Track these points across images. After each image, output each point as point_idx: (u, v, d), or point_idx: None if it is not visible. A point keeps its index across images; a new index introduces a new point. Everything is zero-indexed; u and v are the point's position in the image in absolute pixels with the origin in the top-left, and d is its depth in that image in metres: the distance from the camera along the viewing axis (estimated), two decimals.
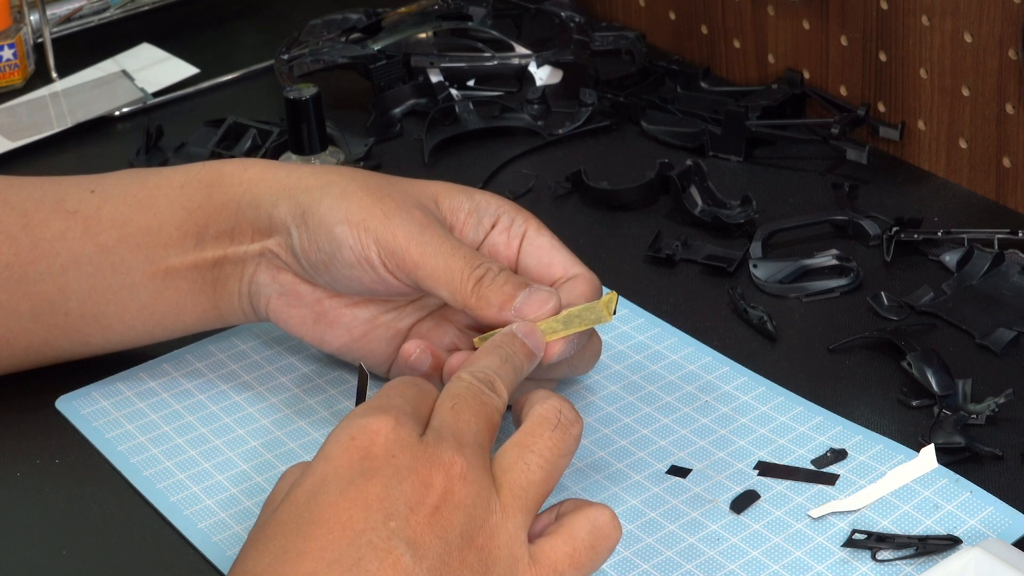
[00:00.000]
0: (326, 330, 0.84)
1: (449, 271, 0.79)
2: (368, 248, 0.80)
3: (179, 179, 0.86)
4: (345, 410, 0.86)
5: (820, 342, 0.90)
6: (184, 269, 0.85)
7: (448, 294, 0.79)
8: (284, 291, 0.84)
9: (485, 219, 0.83)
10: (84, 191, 0.86)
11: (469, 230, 0.83)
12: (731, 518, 0.78)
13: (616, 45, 1.21)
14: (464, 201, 0.83)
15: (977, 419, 0.82)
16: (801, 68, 1.13)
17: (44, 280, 0.85)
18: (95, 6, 1.29)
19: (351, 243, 0.80)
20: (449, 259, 0.79)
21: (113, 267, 0.85)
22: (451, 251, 0.79)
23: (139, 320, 0.86)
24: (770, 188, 1.06)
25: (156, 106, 1.21)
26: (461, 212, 0.83)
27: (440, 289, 0.79)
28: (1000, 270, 0.94)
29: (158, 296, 0.86)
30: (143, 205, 0.85)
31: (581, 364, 0.83)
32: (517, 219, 0.83)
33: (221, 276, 0.85)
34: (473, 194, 0.84)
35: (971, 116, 1.02)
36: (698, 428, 0.84)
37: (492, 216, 0.83)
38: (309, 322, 0.84)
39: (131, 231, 0.85)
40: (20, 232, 0.85)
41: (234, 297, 0.85)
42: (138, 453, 0.84)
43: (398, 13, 1.22)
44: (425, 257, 0.79)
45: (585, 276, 0.82)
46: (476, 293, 0.78)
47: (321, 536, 0.64)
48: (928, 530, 0.76)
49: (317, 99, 1.02)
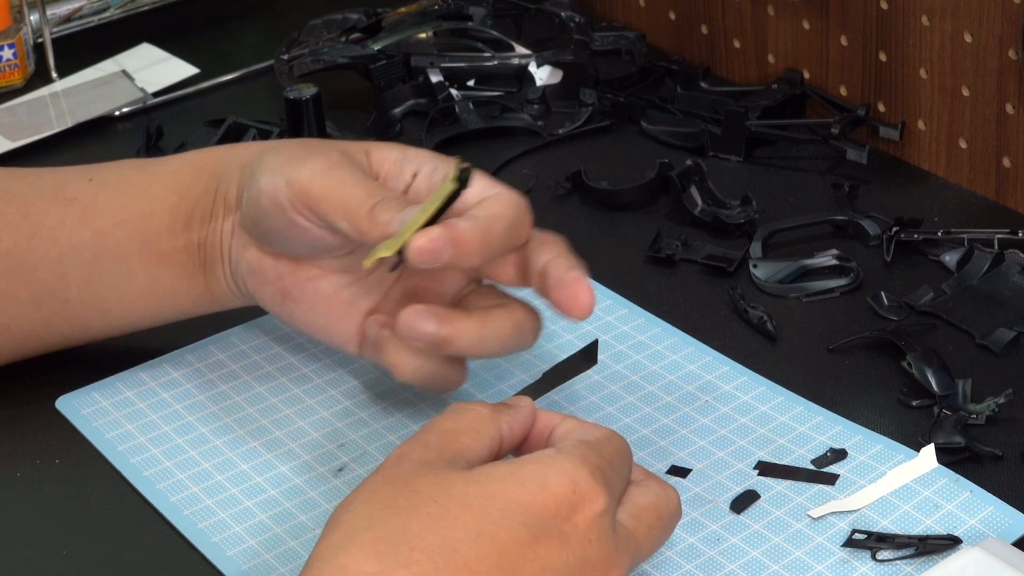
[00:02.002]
0: (292, 307, 0.84)
1: (347, 200, 0.78)
2: (279, 191, 0.80)
3: (174, 165, 0.87)
4: (345, 410, 0.86)
5: (820, 342, 0.90)
6: (175, 252, 0.85)
7: (346, 222, 0.78)
8: (251, 269, 0.84)
9: (407, 168, 0.82)
10: (83, 179, 0.87)
11: (392, 179, 0.82)
12: (731, 518, 0.78)
13: (616, 45, 1.21)
14: (392, 152, 0.83)
15: (977, 419, 0.82)
16: (801, 68, 1.13)
17: (43, 267, 0.86)
18: (95, 6, 1.29)
19: (268, 189, 0.80)
20: (350, 189, 0.78)
21: (110, 253, 0.86)
22: (353, 183, 0.79)
23: (138, 305, 0.87)
24: (770, 188, 1.06)
25: (156, 106, 1.21)
26: (387, 162, 0.83)
27: (339, 219, 0.78)
28: (1000, 270, 0.94)
29: (154, 281, 0.86)
30: (138, 192, 0.86)
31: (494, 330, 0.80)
32: (439, 164, 0.82)
33: (208, 258, 0.85)
34: (405, 148, 0.83)
35: (971, 116, 1.02)
36: (698, 428, 0.84)
37: (415, 166, 0.82)
38: (278, 299, 0.84)
39: (126, 217, 0.86)
40: (20, 220, 0.86)
41: (221, 279, 0.86)
42: (138, 453, 0.84)
43: (398, 13, 1.22)
44: (326, 190, 0.79)
45: (503, 194, 0.78)
46: (369, 217, 0.77)
47: (485, 556, 0.64)
48: (928, 530, 0.76)
49: (317, 99, 1.02)
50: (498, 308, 0.81)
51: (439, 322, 0.78)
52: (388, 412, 0.86)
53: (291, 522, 0.79)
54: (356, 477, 0.82)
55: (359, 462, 0.83)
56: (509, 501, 0.65)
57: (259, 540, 0.78)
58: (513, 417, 0.72)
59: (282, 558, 0.77)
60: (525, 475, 0.67)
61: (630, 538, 0.69)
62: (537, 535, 0.65)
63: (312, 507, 0.80)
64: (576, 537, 0.66)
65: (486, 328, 0.79)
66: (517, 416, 0.72)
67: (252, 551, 0.77)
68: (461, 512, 0.65)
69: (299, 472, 0.82)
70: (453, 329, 0.78)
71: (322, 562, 0.64)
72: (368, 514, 0.65)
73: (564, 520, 0.66)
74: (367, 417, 0.86)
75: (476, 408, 0.71)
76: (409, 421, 0.85)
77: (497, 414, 0.71)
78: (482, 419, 0.71)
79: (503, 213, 0.77)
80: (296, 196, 0.79)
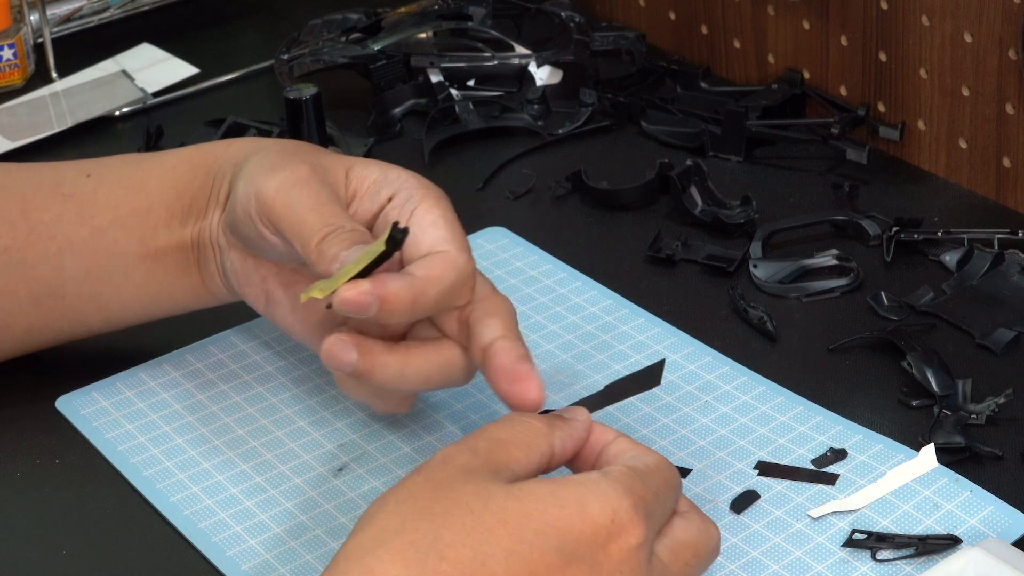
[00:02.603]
0: (275, 310, 0.84)
1: (302, 224, 0.77)
2: (249, 201, 0.79)
3: (171, 161, 0.87)
4: (345, 410, 0.86)
5: (820, 342, 0.90)
6: (171, 249, 0.85)
7: (300, 247, 0.77)
8: (235, 269, 0.84)
9: (384, 191, 0.80)
10: (81, 175, 0.87)
11: (367, 200, 0.81)
12: (731, 518, 0.78)
13: (616, 45, 1.21)
14: (372, 172, 0.81)
15: (977, 419, 0.82)
16: (801, 68, 1.13)
17: (42, 263, 0.86)
18: (95, 6, 1.29)
19: (241, 198, 0.80)
20: (307, 213, 0.77)
21: (107, 249, 0.85)
22: (311, 207, 0.77)
23: (135, 300, 0.87)
24: (770, 188, 1.06)
25: (156, 106, 1.21)
26: (366, 181, 0.81)
27: (295, 242, 0.77)
28: (1000, 270, 0.94)
29: (151, 276, 0.86)
30: (136, 187, 0.86)
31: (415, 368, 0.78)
32: (415, 195, 0.80)
33: (202, 255, 0.85)
34: (386, 168, 0.82)
35: (971, 116, 1.02)
36: (698, 428, 0.84)
37: (391, 189, 0.80)
38: (262, 302, 0.84)
39: (123, 213, 0.85)
40: (18, 216, 0.86)
41: (215, 275, 0.86)
42: (138, 453, 0.84)
43: (398, 13, 1.22)
44: (286, 210, 0.77)
45: (448, 256, 0.76)
46: (318, 248, 0.76)
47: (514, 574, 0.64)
48: (928, 530, 0.76)
49: (317, 99, 1.02)
50: (430, 344, 0.78)
51: (359, 354, 0.76)
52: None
53: (291, 522, 0.79)
54: (356, 477, 0.82)
55: (359, 462, 0.83)
56: (546, 522, 0.64)
57: (259, 540, 0.78)
58: (568, 433, 0.71)
59: (282, 558, 0.77)
60: (566, 497, 0.65)
61: (664, 573, 0.68)
62: (569, 560, 0.64)
63: (312, 507, 0.80)
64: (608, 567, 0.65)
65: (408, 365, 0.77)
66: (572, 432, 0.71)
67: (252, 551, 0.77)
68: (496, 526, 0.64)
69: (299, 472, 0.82)
70: (373, 363, 0.76)
71: (349, 560, 0.63)
72: (401, 517, 0.64)
73: (599, 549, 0.65)
74: (367, 417, 0.86)
75: (530, 420, 0.70)
76: (409, 421, 0.85)
77: (551, 428, 0.70)
78: (535, 432, 0.69)
79: (441, 276, 0.75)
80: (262, 209, 0.78)
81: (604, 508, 0.65)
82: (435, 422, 0.85)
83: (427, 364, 0.77)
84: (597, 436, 0.72)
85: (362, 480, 0.81)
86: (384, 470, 0.82)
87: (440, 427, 0.85)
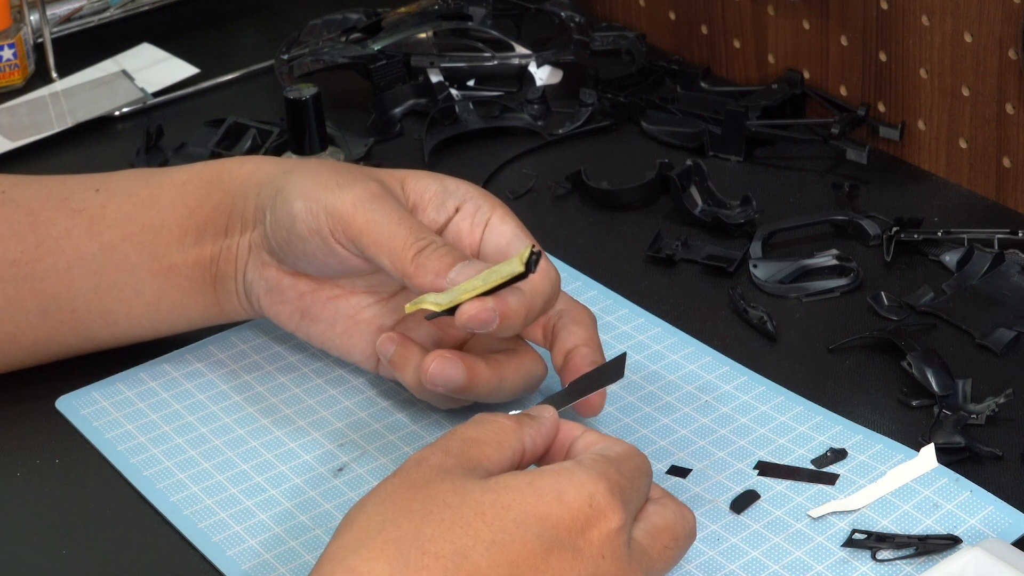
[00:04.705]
0: (311, 325, 0.85)
1: (392, 239, 0.78)
2: (318, 218, 0.80)
3: (181, 178, 0.87)
4: (345, 410, 0.86)
5: (820, 342, 0.90)
6: (185, 266, 0.85)
7: (389, 262, 0.78)
8: (270, 287, 0.84)
9: (449, 202, 0.82)
10: (89, 190, 0.87)
11: (432, 211, 0.82)
12: (731, 518, 0.78)
13: (616, 45, 1.21)
14: (431, 184, 0.83)
15: (977, 419, 0.82)
16: (801, 68, 1.13)
17: (50, 277, 0.85)
18: (95, 6, 1.29)
19: (303, 215, 0.80)
20: (395, 227, 0.78)
21: (117, 265, 0.85)
22: (397, 221, 0.78)
23: (145, 316, 0.87)
24: (770, 188, 1.06)
25: (156, 106, 1.21)
26: (427, 193, 0.83)
27: (382, 257, 0.78)
28: (1000, 270, 0.94)
29: (162, 293, 0.86)
30: (146, 203, 0.86)
31: (510, 382, 0.82)
32: (483, 205, 0.82)
33: (219, 273, 0.85)
34: (443, 179, 0.83)
35: (971, 116, 1.02)
36: (698, 428, 0.84)
37: (457, 200, 0.82)
38: (296, 318, 0.85)
39: (134, 229, 0.85)
40: (27, 230, 0.86)
41: (232, 294, 0.86)
42: (138, 453, 0.84)
43: (398, 13, 1.22)
44: (370, 224, 0.78)
45: (544, 268, 0.79)
46: (416, 262, 0.77)
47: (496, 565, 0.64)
48: (928, 530, 0.76)
49: (317, 99, 1.02)
50: (512, 358, 0.82)
51: (465, 371, 0.79)
52: (388, 412, 0.86)
53: (291, 522, 0.79)
54: (356, 477, 0.82)
55: (359, 462, 0.83)
56: (524, 512, 0.65)
57: (259, 540, 0.78)
58: (536, 430, 0.72)
59: (282, 558, 0.77)
60: (542, 486, 0.66)
61: (644, 556, 0.68)
62: (550, 547, 0.65)
63: (312, 507, 0.80)
64: (589, 552, 0.66)
65: (504, 379, 0.81)
66: (540, 428, 0.72)
67: (252, 551, 0.77)
68: (475, 519, 0.65)
69: (299, 472, 0.82)
70: (477, 379, 0.80)
71: (332, 562, 0.64)
72: (381, 516, 0.65)
73: (579, 534, 0.66)
74: (367, 417, 0.86)
75: (499, 420, 0.71)
76: (409, 421, 0.85)
77: (520, 426, 0.71)
78: (505, 431, 0.70)
79: (544, 289, 0.79)
80: (337, 226, 0.79)
81: (581, 494, 0.66)
82: (435, 422, 0.85)
83: (519, 376, 0.82)
84: (566, 432, 0.73)
85: (362, 480, 0.81)
86: (384, 470, 0.82)
87: (440, 427, 0.85)
